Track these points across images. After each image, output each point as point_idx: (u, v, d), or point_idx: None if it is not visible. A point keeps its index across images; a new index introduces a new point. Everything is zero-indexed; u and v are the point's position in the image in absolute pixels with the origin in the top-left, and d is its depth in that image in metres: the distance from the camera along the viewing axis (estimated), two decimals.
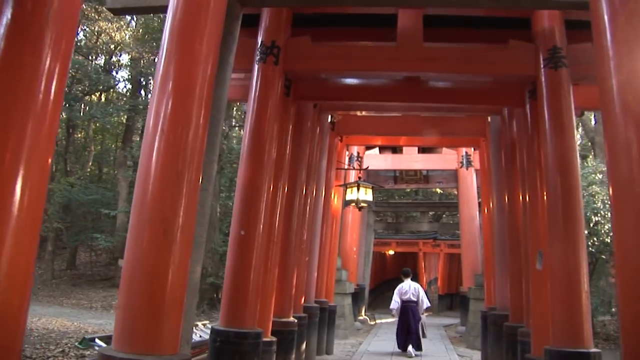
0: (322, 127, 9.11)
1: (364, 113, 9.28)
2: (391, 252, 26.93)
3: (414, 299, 11.16)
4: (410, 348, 10.66)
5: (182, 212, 3.79)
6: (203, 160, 4.91)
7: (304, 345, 7.77)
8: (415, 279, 25.52)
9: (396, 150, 16.87)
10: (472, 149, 15.78)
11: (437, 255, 24.83)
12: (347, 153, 15.17)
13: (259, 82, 6.15)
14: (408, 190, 28.09)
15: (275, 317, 6.72)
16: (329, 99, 7.84)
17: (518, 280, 7.29)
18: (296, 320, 7.11)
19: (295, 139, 7.37)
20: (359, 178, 10.32)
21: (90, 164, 29.26)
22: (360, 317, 17.38)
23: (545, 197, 5.84)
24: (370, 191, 10.09)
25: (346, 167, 11.40)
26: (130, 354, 3.53)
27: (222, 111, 5.25)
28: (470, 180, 15.82)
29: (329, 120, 9.59)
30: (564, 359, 5.09)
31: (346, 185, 10.24)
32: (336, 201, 10.86)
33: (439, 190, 29.66)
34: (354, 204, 10.04)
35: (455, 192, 23.64)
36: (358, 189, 9.94)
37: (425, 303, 11.35)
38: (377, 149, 16.77)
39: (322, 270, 9.53)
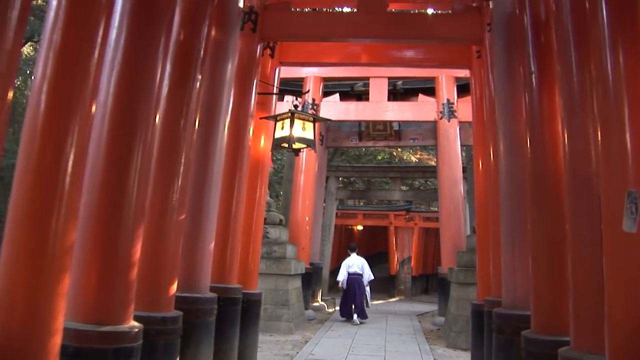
0: (227, 15, 5.61)
1: None
2: (359, 227, 23.80)
3: (360, 272, 12.46)
4: (355, 317, 11.85)
5: None
6: None
7: None
8: (386, 257, 23.00)
9: (361, 97, 13.60)
10: (456, 95, 12.65)
11: (411, 230, 21.80)
12: (299, 101, 11.83)
13: None
14: (380, 157, 24.92)
15: (88, 325, 3.34)
16: None
17: (553, 258, 4.02)
18: (140, 327, 3.70)
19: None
20: (295, 107, 6.84)
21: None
22: (316, 304, 14.22)
23: None
24: (310, 126, 6.66)
25: (276, 92, 7.84)
26: None
27: None
28: (453, 135, 12.69)
29: (241, 5, 6.05)
30: None
31: (275, 118, 6.78)
32: (263, 142, 7.38)
33: (413, 159, 26.79)
34: (285, 145, 6.62)
35: (433, 163, 20.80)
36: (292, 123, 6.53)
37: (369, 276, 12.68)
38: (337, 96, 13.45)
39: (231, 242, 6.13)
